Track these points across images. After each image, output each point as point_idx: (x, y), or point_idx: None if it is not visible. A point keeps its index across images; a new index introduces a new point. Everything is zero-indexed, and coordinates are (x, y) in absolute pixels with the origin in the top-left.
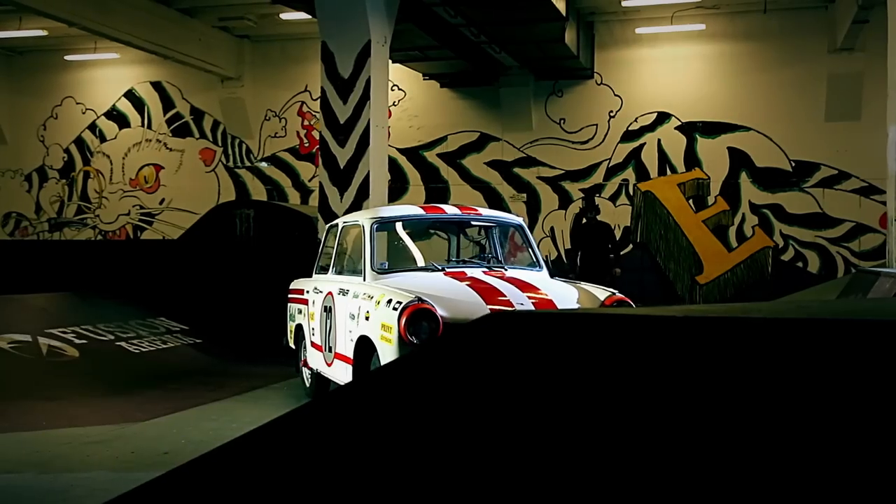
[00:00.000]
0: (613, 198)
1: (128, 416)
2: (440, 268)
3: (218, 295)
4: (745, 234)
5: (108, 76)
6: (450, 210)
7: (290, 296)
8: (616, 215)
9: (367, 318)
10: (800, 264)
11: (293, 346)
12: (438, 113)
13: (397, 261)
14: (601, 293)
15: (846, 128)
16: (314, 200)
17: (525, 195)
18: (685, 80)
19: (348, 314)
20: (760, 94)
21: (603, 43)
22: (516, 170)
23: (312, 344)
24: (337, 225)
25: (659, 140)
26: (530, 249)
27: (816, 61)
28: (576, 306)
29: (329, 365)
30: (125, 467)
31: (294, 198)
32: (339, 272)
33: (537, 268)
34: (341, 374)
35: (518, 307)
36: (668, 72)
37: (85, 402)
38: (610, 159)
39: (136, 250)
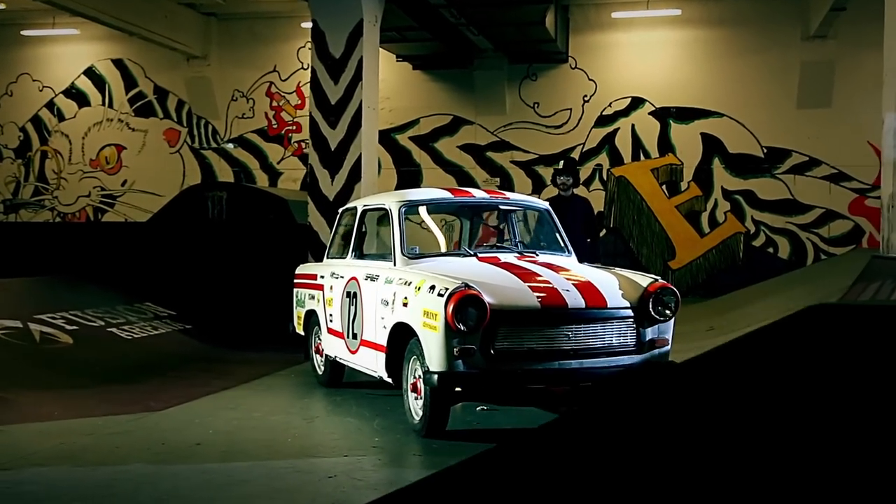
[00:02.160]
0: (587, 182)
1: (140, 405)
2: (472, 253)
3: (201, 279)
4: (717, 219)
5: (67, 53)
6: (478, 194)
7: (298, 281)
8: (590, 200)
9: (404, 305)
10: (770, 250)
11: (302, 333)
12: (411, 95)
13: (419, 246)
14: (642, 279)
15: (817, 115)
16: (283, 183)
17: (498, 179)
18: (660, 65)
19: (380, 300)
20: (734, 81)
21: (578, 27)
22: (489, 154)
23: (329, 330)
24: (355, 208)
25: (633, 125)
26: (557, 234)
27: (790, 48)
28: (619, 292)
29: (353, 352)
30: (161, 459)
31: (262, 180)
32: (360, 257)
33: (566, 252)
34: (369, 361)
35: (564, 293)
36: (642, 57)
37: (91, 391)
38: (584, 144)
39: (101, 233)
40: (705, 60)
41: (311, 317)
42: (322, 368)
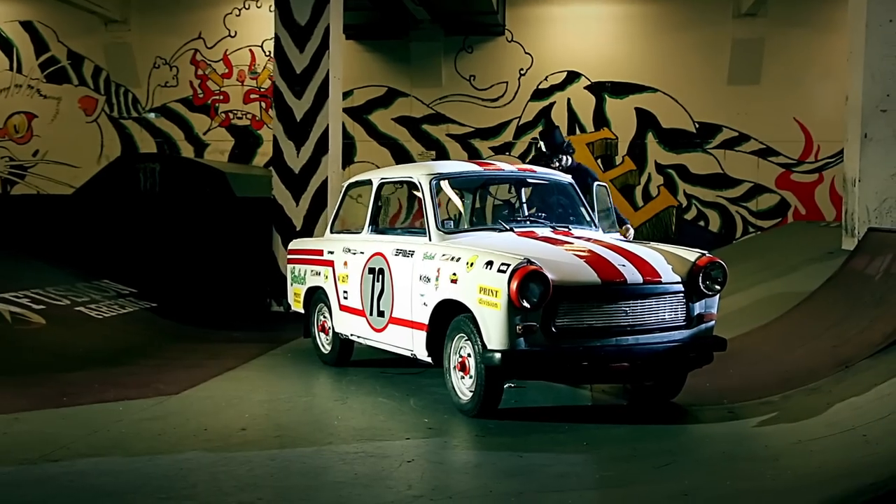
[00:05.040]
0: (523, 156)
1: (150, 388)
2: (508, 227)
3: (153, 255)
4: (650, 193)
5: None
6: (507, 167)
7: (294, 257)
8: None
9: (453, 282)
10: (702, 223)
11: (301, 311)
12: (344, 66)
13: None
14: (688, 253)
15: (747, 91)
16: (209, 154)
17: (434, 152)
18: (595, 39)
19: (417, 277)
20: (667, 56)
21: (515, 0)
22: (425, 126)
23: (343, 308)
24: (370, 181)
25: (569, 99)
26: (583, 208)
27: (722, 25)
28: (668, 267)
29: (379, 330)
30: (216, 446)
31: (187, 151)
32: (380, 232)
33: (593, 227)
34: (401, 339)
35: (621, 268)
36: (578, 31)
37: (87, 373)
38: (520, 118)
39: (20, 207)
40: (640, 36)
41: (315, 294)
42: (328, 347)
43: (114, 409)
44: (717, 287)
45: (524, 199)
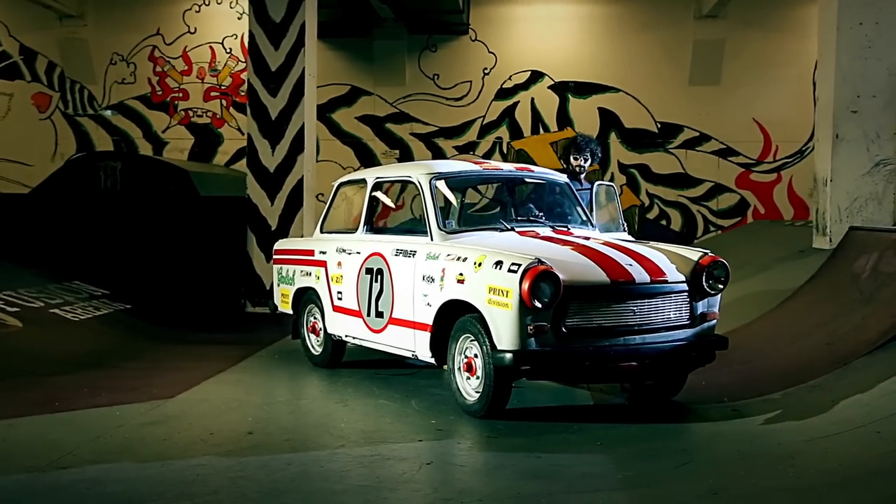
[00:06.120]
0: (487, 156)
1: (142, 392)
2: (509, 227)
3: (123, 256)
4: None
5: None
6: (506, 167)
7: (281, 257)
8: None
9: (459, 282)
10: (664, 222)
11: (289, 311)
12: None
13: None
14: (691, 253)
15: (707, 92)
16: (168, 153)
17: (398, 151)
18: (559, 39)
19: (420, 277)
20: (630, 57)
21: None
22: (389, 125)
23: (337, 309)
24: (364, 180)
25: (532, 99)
26: (578, 208)
27: (683, 27)
28: (672, 266)
29: (377, 331)
30: (227, 451)
31: (146, 149)
32: (376, 231)
33: (589, 226)
34: (401, 340)
35: (628, 268)
36: (542, 31)
37: (74, 377)
38: (484, 117)
39: None
40: (603, 36)
41: (304, 294)
42: (318, 349)
43: (110, 413)
44: (720, 286)
45: (520, 199)
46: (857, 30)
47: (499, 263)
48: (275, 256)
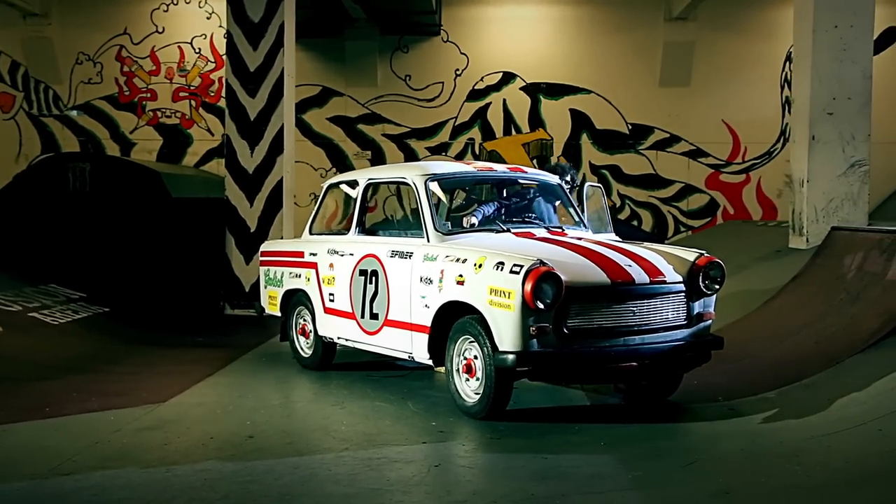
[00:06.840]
0: (459, 157)
1: (133, 397)
2: (505, 228)
3: (97, 258)
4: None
5: None
6: (499, 168)
7: (269, 259)
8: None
9: (459, 283)
10: (635, 223)
11: (277, 314)
12: None
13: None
14: (687, 253)
15: (677, 93)
16: (136, 154)
17: (370, 153)
18: (530, 41)
19: (418, 278)
20: (601, 58)
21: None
22: (360, 126)
23: (329, 311)
24: (355, 182)
25: (504, 100)
26: (572, 209)
27: (654, 29)
28: (670, 266)
29: (372, 333)
30: (230, 456)
31: (113, 150)
32: (367, 233)
33: (582, 227)
34: (397, 342)
35: (627, 268)
36: (513, 32)
37: (62, 382)
38: (456, 118)
39: None
40: (574, 37)
41: (293, 297)
42: (308, 351)
43: (104, 418)
44: (716, 286)
45: (514, 200)
46: (833, 32)
47: (500, 265)
48: (262, 258)
